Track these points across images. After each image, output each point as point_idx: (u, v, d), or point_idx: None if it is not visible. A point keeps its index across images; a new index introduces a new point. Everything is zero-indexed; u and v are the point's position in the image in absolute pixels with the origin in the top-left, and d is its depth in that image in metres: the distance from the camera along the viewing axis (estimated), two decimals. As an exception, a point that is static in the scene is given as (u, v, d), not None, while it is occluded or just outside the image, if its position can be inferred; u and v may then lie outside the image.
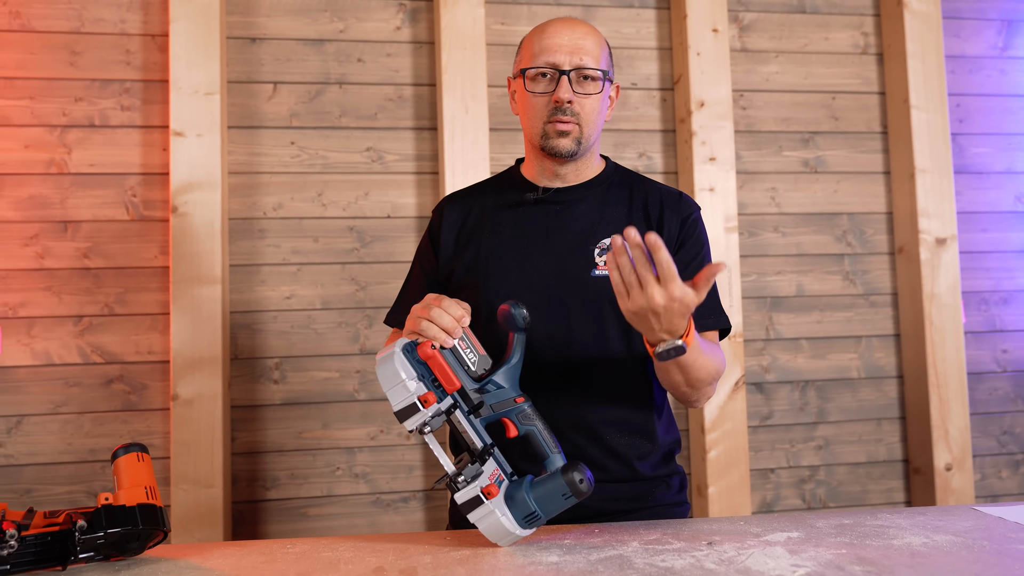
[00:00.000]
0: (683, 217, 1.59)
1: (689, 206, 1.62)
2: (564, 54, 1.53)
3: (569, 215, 1.60)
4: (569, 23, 1.58)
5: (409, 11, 2.85)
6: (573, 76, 1.53)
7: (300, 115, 2.76)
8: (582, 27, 1.57)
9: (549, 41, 1.55)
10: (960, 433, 2.89)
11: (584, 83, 1.55)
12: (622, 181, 1.66)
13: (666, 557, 1.16)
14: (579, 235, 1.57)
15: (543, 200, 1.61)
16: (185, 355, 2.51)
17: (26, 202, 2.58)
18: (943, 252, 2.91)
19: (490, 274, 1.57)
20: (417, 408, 1.21)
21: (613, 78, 1.63)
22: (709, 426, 2.77)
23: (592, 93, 1.55)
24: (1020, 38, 3.18)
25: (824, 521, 1.35)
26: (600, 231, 1.57)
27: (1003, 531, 1.26)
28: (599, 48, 1.57)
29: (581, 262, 1.55)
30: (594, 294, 1.52)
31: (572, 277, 1.54)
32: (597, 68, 1.55)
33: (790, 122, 3.03)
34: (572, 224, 1.59)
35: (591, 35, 1.57)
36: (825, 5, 3.09)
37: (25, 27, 2.61)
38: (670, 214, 1.59)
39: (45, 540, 1.20)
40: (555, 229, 1.59)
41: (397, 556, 1.22)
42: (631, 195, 1.62)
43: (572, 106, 1.53)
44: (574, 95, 1.53)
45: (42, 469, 2.56)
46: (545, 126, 1.56)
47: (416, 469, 2.75)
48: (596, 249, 1.55)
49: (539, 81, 1.56)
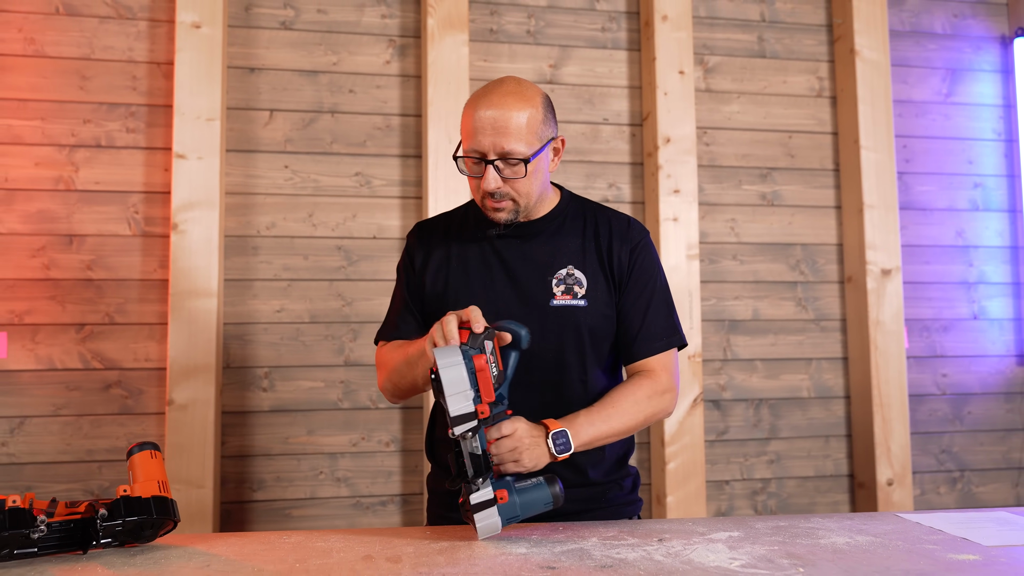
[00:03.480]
0: (632, 246, 1.73)
1: (637, 234, 1.75)
2: (488, 139, 1.56)
3: (528, 248, 1.71)
4: (495, 101, 1.57)
5: (398, 47, 3.04)
6: (499, 164, 1.58)
7: (294, 141, 2.94)
8: (509, 107, 1.57)
9: (476, 124, 1.57)
10: (901, 450, 3.10)
11: (511, 167, 1.58)
12: (576, 212, 1.76)
13: (621, 550, 1.33)
14: (538, 267, 1.69)
15: (504, 235, 1.71)
16: (181, 363, 2.68)
17: (35, 216, 2.74)
18: (888, 282, 3.14)
19: (459, 301, 1.66)
20: (474, 417, 1.37)
21: (555, 134, 1.67)
22: (669, 439, 2.97)
23: (519, 177, 1.59)
24: (963, 86, 3.43)
25: (763, 523, 1.53)
26: (557, 263, 1.69)
27: (917, 533, 1.43)
28: (526, 127, 1.57)
29: (540, 293, 1.67)
30: (552, 322, 1.66)
31: (532, 306, 1.66)
32: (522, 153, 1.57)
33: (749, 158, 3.26)
34: (531, 256, 1.70)
35: (515, 116, 1.56)
36: (784, 51, 3.32)
37: (39, 52, 2.78)
38: (619, 243, 1.72)
39: (68, 527, 1.34)
40: (516, 260, 1.70)
41: (383, 547, 1.37)
42: (584, 226, 1.75)
43: (500, 189, 1.59)
44: (502, 182, 1.59)
45: (42, 468, 2.71)
46: (483, 200, 1.64)
47: (394, 475, 2.93)
48: (553, 279, 1.68)
49: (470, 164, 1.61)
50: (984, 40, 3.45)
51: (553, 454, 1.49)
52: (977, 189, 3.40)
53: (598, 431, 1.57)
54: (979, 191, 3.40)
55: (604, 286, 1.70)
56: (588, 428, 1.56)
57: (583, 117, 3.15)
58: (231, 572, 1.20)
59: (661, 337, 1.71)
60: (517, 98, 1.58)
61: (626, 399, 1.64)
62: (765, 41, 3.31)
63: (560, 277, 1.68)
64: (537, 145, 1.60)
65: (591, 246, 1.72)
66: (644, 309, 1.70)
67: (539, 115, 1.61)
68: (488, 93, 1.60)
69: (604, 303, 1.69)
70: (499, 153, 1.56)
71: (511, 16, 3.13)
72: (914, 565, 1.22)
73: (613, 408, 1.61)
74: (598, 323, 1.68)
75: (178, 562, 1.28)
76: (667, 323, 1.73)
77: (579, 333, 1.67)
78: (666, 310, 1.74)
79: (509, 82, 1.62)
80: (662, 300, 1.74)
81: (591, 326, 1.67)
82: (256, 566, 1.24)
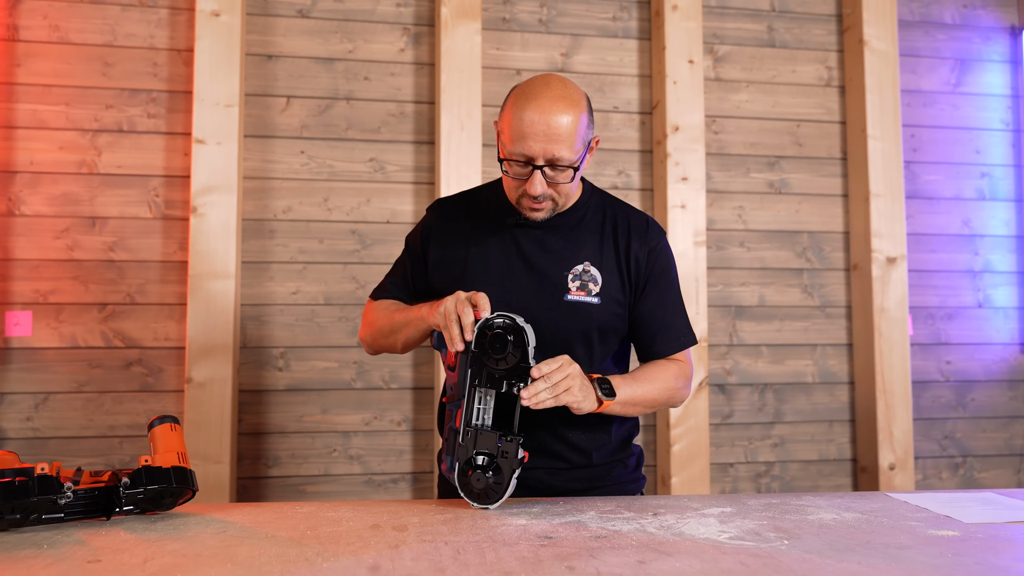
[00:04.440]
0: (651, 247, 1.75)
1: (656, 235, 1.78)
2: (539, 145, 1.55)
3: (548, 240, 1.71)
4: (546, 107, 1.55)
5: (412, 35, 3.10)
6: (546, 170, 1.59)
7: (310, 127, 3.01)
8: (559, 113, 1.56)
9: (525, 130, 1.55)
10: (903, 436, 3.15)
11: (557, 172, 1.60)
12: (597, 207, 1.77)
13: (616, 522, 1.39)
14: (555, 261, 1.70)
15: (524, 224, 1.72)
16: (199, 342, 2.76)
17: (59, 199, 2.83)
18: (893, 270, 3.18)
19: (476, 284, 1.66)
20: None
21: (593, 134, 1.66)
22: (674, 422, 3.03)
23: (563, 182, 1.61)
24: (972, 76, 3.45)
25: (755, 500, 1.58)
26: (575, 258, 1.70)
27: (903, 511, 1.48)
28: (574, 132, 1.57)
29: (556, 286, 1.68)
30: (564, 317, 1.67)
31: (546, 300, 1.68)
32: (570, 160, 1.58)
33: (757, 147, 3.30)
34: (550, 249, 1.71)
35: (566, 123, 1.56)
36: (793, 40, 3.35)
37: (63, 39, 2.86)
38: (638, 243, 1.74)
39: (93, 494, 1.41)
40: (534, 253, 1.71)
41: (391, 517, 1.43)
42: (604, 221, 1.77)
43: (545, 192, 1.61)
44: (547, 186, 1.60)
45: (65, 442, 2.80)
46: (520, 200, 1.65)
47: (406, 453, 3.01)
48: (569, 275, 1.70)
49: (514, 166, 1.61)
50: (993, 30, 3.47)
51: (599, 397, 1.55)
52: (984, 179, 3.43)
53: (634, 392, 1.63)
54: (986, 180, 3.43)
55: (618, 284, 1.72)
56: (625, 387, 1.62)
57: (594, 105, 3.15)
58: (245, 538, 1.27)
59: (679, 337, 1.76)
60: (567, 104, 1.57)
61: (658, 373, 1.70)
62: (775, 31, 3.34)
63: (576, 273, 1.70)
64: (582, 150, 1.61)
65: (609, 243, 1.73)
66: (664, 311, 1.75)
67: (585, 119, 1.61)
68: (537, 96, 1.57)
69: (616, 302, 1.71)
70: (548, 160, 1.57)
71: (523, 5, 3.17)
72: (894, 539, 1.27)
73: (645, 377, 1.68)
74: (609, 320, 1.71)
75: (196, 528, 1.35)
76: (683, 323, 1.78)
77: (589, 329, 1.69)
78: (682, 311, 1.79)
79: (556, 84, 1.59)
80: (678, 301, 1.79)
81: (601, 323, 1.70)
82: (269, 532, 1.31)
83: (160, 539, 1.27)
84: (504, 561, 1.13)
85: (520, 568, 1.10)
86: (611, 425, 1.76)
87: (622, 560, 1.14)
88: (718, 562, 1.13)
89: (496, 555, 1.16)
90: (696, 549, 1.21)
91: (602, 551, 1.19)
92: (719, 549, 1.20)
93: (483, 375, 1.51)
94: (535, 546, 1.22)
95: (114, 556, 1.16)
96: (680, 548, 1.21)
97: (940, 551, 1.19)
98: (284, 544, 1.23)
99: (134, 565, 1.12)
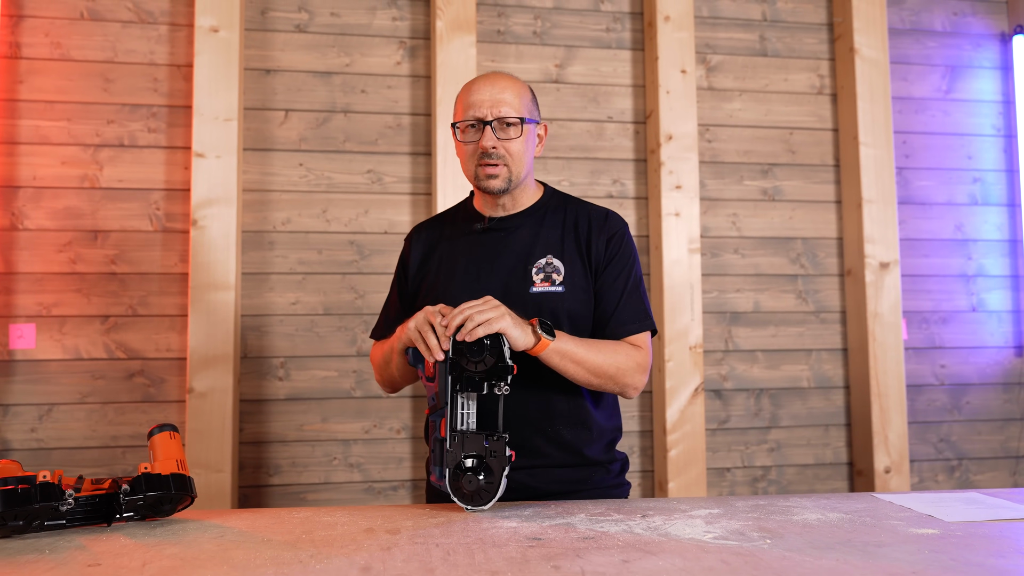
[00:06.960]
0: (609, 236, 1.83)
1: (615, 225, 1.85)
2: (486, 107, 1.74)
3: (511, 240, 1.82)
4: (491, 79, 1.78)
5: (408, 48, 3.15)
6: (495, 125, 1.74)
7: (308, 139, 3.06)
8: (502, 81, 1.78)
9: (474, 98, 1.76)
10: (898, 439, 3.18)
11: (506, 129, 1.75)
12: (557, 206, 1.87)
13: (605, 524, 1.41)
14: (520, 257, 1.80)
15: (489, 229, 1.84)
16: (200, 353, 2.80)
17: (61, 213, 2.87)
18: (886, 275, 3.21)
19: (449, 292, 1.79)
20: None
21: (539, 119, 1.84)
22: (670, 427, 3.06)
23: (514, 137, 1.76)
24: (963, 82, 3.49)
25: (743, 502, 1.61)
26: (537, 252, 1.79)
27: (887, 511, 1.51)
28: (518, 98, 1.77)
29: (521, 281, 1.77)
30: (533, 307, 1.75)
31: (514, 294, 1.75)
32: (516, 116, 1.75)
33: (751, 154, 3.34)
34: (514, 248, 1.81)
35: (510, 87, 1.77)
36: (785, 49, 3.39)
37: (64, 56, 2.91)
38: (597, 233, 1.82)
39: (94, 501, 1.44)
40: (500, 253, 1.81)
41: (384, 521, 1.46)
42: (564, 218, 1.86)
43: (497, 150, 1.74)
44: (498, 141, 1.74)
45: (69, 453, 2.84)
46: (477, 169, 1.78)
47: (405, 461, 3.04)
48: (533, 268, 1.79)
49: (468, 132, 1.77)
50: (984, 37, 3.51)
51: (538, 333, 1.59)
52: (976, 184, 3.46)
53: (576, 348, 1.66)
54: (978, 186, 3.46)
55: (581, 271, 1.79)
56: (568, 340, 1.66)
57: (588, 115, 3.24)
58: (242, 541, 1.30)
59: (635, 320, 1.79)
60: (510, 79, 1.80)
61: (608, 346, 1.73)
62: (767, 40, 3.38)
63: (540, 266, 1.78)
64: (527, 115, 1.79)
65: (570, 236, 1.82)
66: (620, 292, 1.79)
67: (528, 96, 1.82)
68: (480, 76, 1.81)
69: (582, 288, 1.78)
70: (496, 115, 1.74)
71: (518, 17, 3.22)
72: (874, 538, 1.29)
73: (594, 343, 1.71)
74: (576, 308, 1.77)
75: (194, 533, 1.38)
76: (640, 307, 1.81)
77: (558, 318, 1.75)
78: (640, 296, 1.82)
79: (500, 72, 1.85)
80: (637, 288, 1.83)
81: (570, 310, 1.76)
82: (266, 536, 1.34)
83: (159, 543, 1.30)
84: (492, 561, 1.16)
85: (507, 568, 1.13)
86: (595, 418, 1.81)
87: (607, 560, 1.17)
88: (700, 560, 1.16)
89: (485, 556, 1.19)
90: (680, 548, 1.23)
91: (588, 551, 1.22)
92: (702, 548, 1.23)
93: (463, 380, 1.55)
94: (523, 547, 1.24)
95: (114, 560, 1.19)
96: (665, 548, 1.24)
97: (918, 548, 1.22)
98: (279, 547, 1.26)
99: (133, 568, 1.15)
